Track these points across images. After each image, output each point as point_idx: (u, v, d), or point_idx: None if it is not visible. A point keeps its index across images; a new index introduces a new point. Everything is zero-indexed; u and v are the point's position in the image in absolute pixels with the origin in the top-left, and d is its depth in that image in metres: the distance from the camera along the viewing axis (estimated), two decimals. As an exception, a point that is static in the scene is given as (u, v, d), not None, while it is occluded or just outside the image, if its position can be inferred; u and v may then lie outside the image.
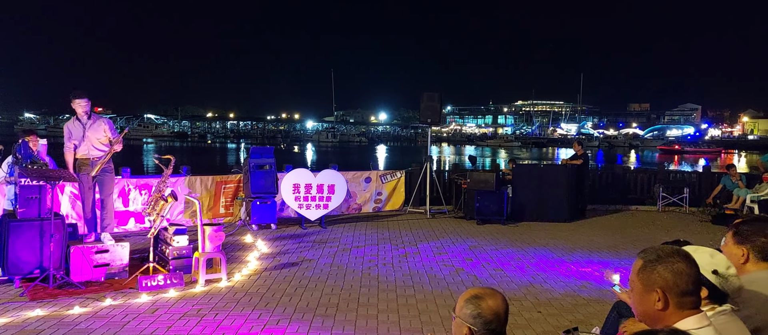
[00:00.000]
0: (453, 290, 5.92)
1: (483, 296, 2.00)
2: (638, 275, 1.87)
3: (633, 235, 9.48)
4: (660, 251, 1.87)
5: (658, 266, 1.83)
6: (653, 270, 1.83)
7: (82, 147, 6.46)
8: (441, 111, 12.06)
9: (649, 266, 1.84)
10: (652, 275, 1.83)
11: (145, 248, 6.84)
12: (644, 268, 1.86)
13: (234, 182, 10.06)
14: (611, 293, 5.54)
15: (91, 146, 6.47)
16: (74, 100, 6.43)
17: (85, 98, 6.45)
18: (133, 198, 9.00)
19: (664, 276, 1.81)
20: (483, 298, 1.99)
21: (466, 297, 2.01)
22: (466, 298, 2.00)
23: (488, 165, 34.90)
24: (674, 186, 13.13)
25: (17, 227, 5.66)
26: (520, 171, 11.68)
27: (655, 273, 1.82)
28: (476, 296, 2.00)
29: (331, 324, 4.84)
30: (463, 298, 2.02)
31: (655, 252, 1.87)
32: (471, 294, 2.02)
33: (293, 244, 8.17)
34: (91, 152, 6.47)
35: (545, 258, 7.58)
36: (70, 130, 6.49)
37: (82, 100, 6.43)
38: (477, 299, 1.99)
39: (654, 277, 1.82)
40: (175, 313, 4.99)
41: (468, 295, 2.02)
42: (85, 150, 6.46)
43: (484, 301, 1.98)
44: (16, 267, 5.64)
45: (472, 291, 2.04)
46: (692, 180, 13.70)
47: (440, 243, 8.42)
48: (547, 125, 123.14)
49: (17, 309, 4.98)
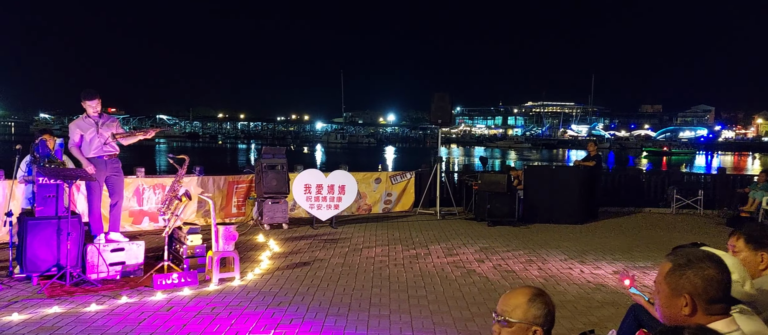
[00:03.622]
0: (465, 292, 5.91)
1: (541, 293, 1.92)
2: (666, 278, 1.82)
3: (647, 237, 9.40)
4: (691, 255, 1.81)
5: (688, 271, 1.77)
6: (682, 275, 1.78)
7: (94, 145, 6.33)
8: (451, 112, 12.04)
9: (678, 270, 1.79)
10: (680, 280, 1.78)
11: (159, 247, 6.90)
12: (673, 272, 1.80)
13: (246, 182, 10.12)
14: (626, 296, 5.51)
15: (103, 145, 6.40)
16: (85, 101, 6.31)
17: (96, 98, 6.34)
18: (147, 198, 9.09)
19: (694, 281, 1.75)
20: (543, 295, 1.91)
21: (526, 299, 1.89)
22: (528, 299, 1.88)
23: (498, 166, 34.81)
24: (688, 188, 13.02)
25: (35, 225, 5.74)
26: (531, 172, 11.64)
27: (684, 278, 1.77)
28: (537, 295, 1.91)
29: (343, 323, 4.85)
30: (523, 301, 1.88)
31: (686, 256, 1.81)
32: (530, 295, 1.90)
33: (305, 244, 8.21)
34: (105, 150, 6.40)
35: (557, 260, 7.55)
36: (79, 128, 6.31)
37: (93, 101, 6.32)
38: (540, 296, 1.89)
39: (683, 282, 1.77)
40: (189, 312, 5.03)
41: (525, 297, 1.90)
42: (98, 148, 6.36)
43: (546, 297, 1.90)
44: (34, 265, 5.72)
45: (525, 292, 1.93)
46: (707, 182, 13.57)
47: (451, 245, 8.41)
48: (557, 126, 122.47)
49: (35, 306, 5.05)
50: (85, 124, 6.36)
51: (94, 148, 6.35)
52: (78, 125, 6.39)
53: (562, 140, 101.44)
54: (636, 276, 3.47)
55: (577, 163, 12.17)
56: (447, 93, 11.62)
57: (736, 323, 1.79)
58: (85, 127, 6.35)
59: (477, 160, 33.69)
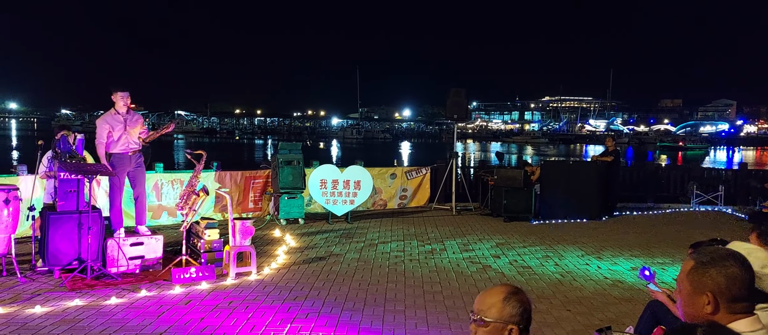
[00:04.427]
0: (480, 287, 5.89)
1: (516, 291, 1.89)
2: (688, 276, 1.78)
3: (666, 234, 9.28)
4: (714, 253, 1.78)
5: (711, 269, 1.74)
6: (705, 273, 1.74)
7: (120, 141, 6.51)
8: (467, 107, 11.99)
9: (701, 268, 1.76)
10: (703, 278, 1.74)
11: (177, 241, 6.99)
12: (696, 270, 1.77)
13: (262, 177, 10.19)
14: (644, 292, 5.46)
15: (130, 141, 6.56)
16: (116, 93, 6.51)
17: (126, 92, 6.56)
18: (165, 193, 9.20)
19: (717, 280, 1.72)
20: (518, 293, 1.88)
21: (501, 298, 1.86)
22: (502, 299, 1.85)
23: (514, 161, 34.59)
24: (709, 183, 12.80)
25: (56, 219, 5.85)
26: (548, 168, 11.54)
27: (707, 276, 1.74)
28: (512, 293, 1.88)
29: (359, 318, 4.87)
30: (498, 300, 1.85)
31: (709, 254, 1.78)
32: (505, 293, 1.88)
33: (320, 239, 8.25)
34: (130, 146, 6.56)
35: (574, 255, 7.49)
36: (109, 124, 6.49)
37: (124, 93, 6.54)
38: (516, 294, 1.87)
39: (705, 280, 1.74)
40: (207, 305, 5.10)
41: (500, 295, 1.86)
42: (124, 145, 6.53)
43: (522, 295, 1.88)
44: (56, 258, 5.84)
45: (500, 291, 1.89)
46: (728, 177, 13.34)
47: (467, 240, 8.39)
48: (574, 121, 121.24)
49: (57, 298, 5.15)
50: (114, 121, 6.52)
51: (120, 144, 6.53)
52: (107, 121, 6.54)
53: (579, 135, 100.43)
54: (655, 273, 3.43)
55: (595, 158, 12.04)
56: (463, 88, 11.58)
57: (761, 322, 1.75)
58: (114, 124, 6.51)
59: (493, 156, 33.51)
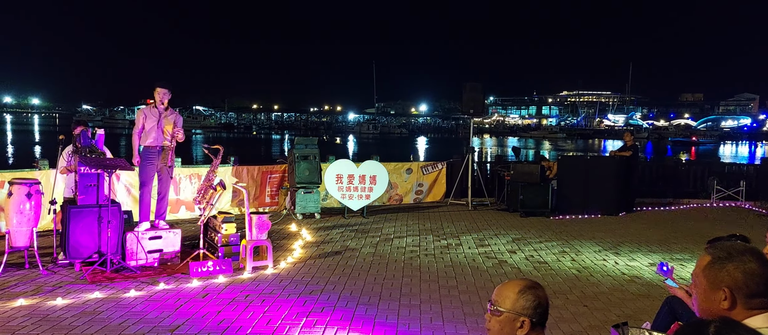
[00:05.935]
0: (496, 282, 5.87)
1: (534, 286, 1.98)
2: (705, 271, 1.76)
3: (685, 229, 9.14)
4: (731, 248, 1.75)
5: (728, 264, 1.71)
6: (722, 268, 1.72)
7: (153, 135, 6.65)
8: (484, 102, 11.93)
9: (718, 263, 1.73)
10: (720, 273, 1.72)
11: (195, 235, 7.07)
12: (712, 265, 1.75)
13: (279, 172, 10.26)
14: (661, 288, 5.39)
15: (162, 136, 6.69)
16: (158, 88, 6.71)
17: (167, 88, 6.75)
18: (183, 187, 9.31)
19: (734, 275, 1.70)
20: (535, 288, 1.97)
21: (516, 290, 1.96)
22: (518, 291, 1.95)
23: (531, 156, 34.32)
24: (730, 178, 12.58)
25: (77, 213, 5.96)
26: (565, 163, 11.44)
27: (724, 272, 1.71)
28: (529, 287, 1.97)
29: (374, 312, 4.89)
30: (513, 292, 1.96)
31: (726, 249, 1.75)
32: (522, 286, 1.97)
33: (336, 233, 8.29)
34: (161, 141, 6.69)
35: (591, 251, 7.42)
36: (145, 116, 6.70)
37: (165, 90, 6.73)
38: (533, 289, 1.96)
39: (722, 276, 1.72)
40: (224, 299, 5.15)
41: (517, 288, 1.97)
42: (156, 139, 6.66)
43: (539, 290, 1.96)
44: (77, 252, 5.95)
45: (518, 284, 2.00)
46: (749, 173, 13.09)
47: (483, 235, 8.36)
48: (593, 116, 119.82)
49: (78, 291, 5.25)
50: (149, 113, 6.72)
51: (151, 137, 6.67)
52: (143, 112, 6.77)
53: (598, 130, 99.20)
54: (674, 269, 3.39)
55: (613, 153, 11.90)
56: (479, 82, 11.52)
57: None
58: (150, 116, 6.70)
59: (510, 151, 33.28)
